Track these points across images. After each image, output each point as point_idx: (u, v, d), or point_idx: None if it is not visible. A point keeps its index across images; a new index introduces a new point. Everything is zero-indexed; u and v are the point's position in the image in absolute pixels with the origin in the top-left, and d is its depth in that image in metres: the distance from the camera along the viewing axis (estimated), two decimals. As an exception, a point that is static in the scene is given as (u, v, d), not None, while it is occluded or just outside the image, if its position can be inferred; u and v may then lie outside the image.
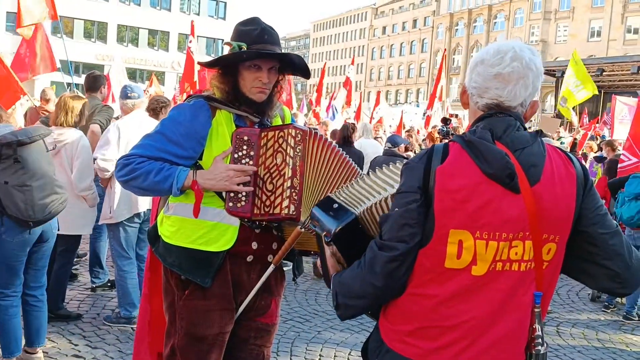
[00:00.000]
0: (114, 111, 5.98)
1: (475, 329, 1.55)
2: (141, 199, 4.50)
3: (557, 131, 17.01)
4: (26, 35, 7.74)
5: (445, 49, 27.18)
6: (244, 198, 2.27)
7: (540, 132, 1.65)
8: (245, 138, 2.31)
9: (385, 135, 11.55)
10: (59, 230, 3.88)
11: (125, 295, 4.54)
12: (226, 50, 2.38)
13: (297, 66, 2.45)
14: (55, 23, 8.46)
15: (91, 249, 5.45)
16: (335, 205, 1.80)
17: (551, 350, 4.86)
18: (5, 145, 3.37)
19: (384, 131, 13.73)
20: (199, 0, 47.11)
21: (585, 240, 1.62)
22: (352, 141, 7.03)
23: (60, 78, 10.10)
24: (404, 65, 72.52)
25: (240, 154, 2.30)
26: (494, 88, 1.60)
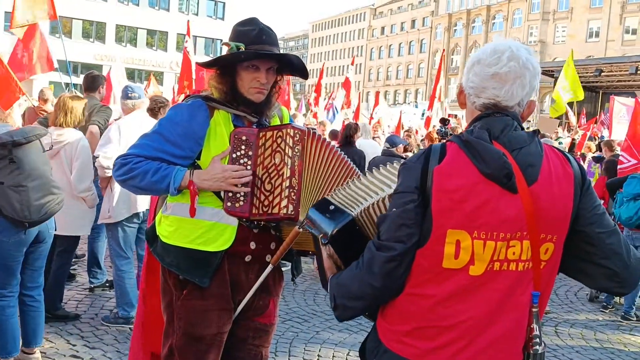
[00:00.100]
0: (112, 111, 5.97)
1: (472, 329, 1.55)
2: (140, 199, 4.50)
3: (556, 131, 17.06)
4: (18, 35, 7.70)
5: (443, 50, 27.22)
6: (242, 198, 2.27)
7: (537, 132, 1.65)
8: (244, 138, 2.31)
9: (383, 135, 11.56)
10: (56, 230, 3.88)
11: (124, 295, 4.54)
12: (224, 50, 2.39)
13: (295, 67, 2.45)
14: (54, 23, 8.44)
15: (89, 249, 5.45)
16: (332, 206, 1.79)
17: (549, 351, 4.86)
18: (0, 146, 3.36)
19: (383, 132, 13.74)
20: (197, 1, 47.10)
21: (582, 239, 1.62)
22: (355, 141, 7.07)
23: (58, 78, 10.09)
24: (402, 65, 72.52)
25: (238, 153, 2.30)
26: (491, 88, 1.60)
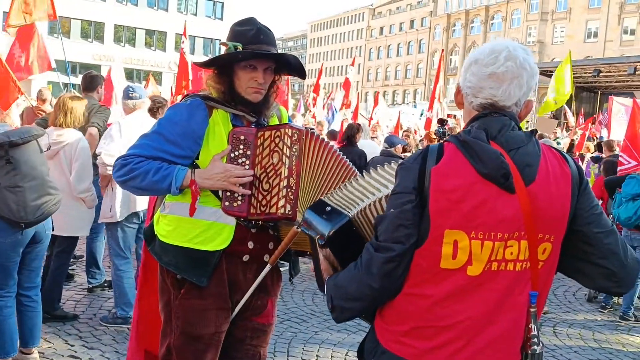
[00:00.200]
0: (111, 112, 5.96)
1: (470, 329, 1.55)
2: (139, 198, 4.50)
3: (554, 132, 17.06)
4: (12, 35, 7.70)
5: (442, 50, 27.18)
6: (240, 197, 2.27)
7: (535, 132, 1.65)
8: (242, 137, 2.31)
9: (382, 135, 11.57)
10: (53, 230, 3.87)
11: (122, 295, 4.53)
12: (222, 50, 2.38)
13: (293, 66, 2.45)
14: (52, 23, 8.43)
15: (88, 249, 5.45)
16: (328, 207, 1.78)
17: (548, 351, 4.86)
18: None
19: (382, 132, 13.74)
20: (196, 1, 47.10)
21: (580, 239, 1.62)
22: (356, 141, 7.08)
23: (56, 78, 10.08)
24: (401, 65, 72.53)
25: (237, 153, 2.30)
26: (489, 87, 1.60)
